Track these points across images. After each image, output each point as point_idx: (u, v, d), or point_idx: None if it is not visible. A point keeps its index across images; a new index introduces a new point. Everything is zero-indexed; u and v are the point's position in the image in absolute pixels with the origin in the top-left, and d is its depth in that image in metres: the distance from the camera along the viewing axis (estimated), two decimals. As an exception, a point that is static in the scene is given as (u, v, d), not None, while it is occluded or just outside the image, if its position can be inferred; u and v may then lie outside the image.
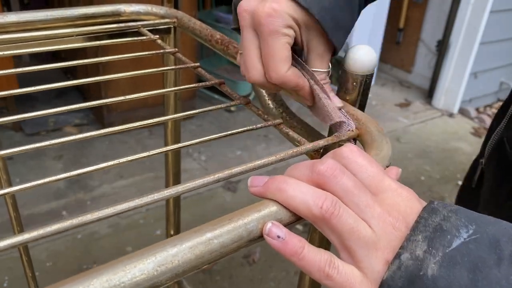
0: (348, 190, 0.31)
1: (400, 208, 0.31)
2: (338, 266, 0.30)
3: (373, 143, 0.39)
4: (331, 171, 0.32)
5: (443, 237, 0.29)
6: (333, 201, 0.30)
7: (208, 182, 0.34)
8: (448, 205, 0.31)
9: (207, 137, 0.41)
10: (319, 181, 0.32)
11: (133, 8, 0.62)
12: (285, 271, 1.68)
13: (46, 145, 0.37)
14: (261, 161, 0.36)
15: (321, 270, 0.30)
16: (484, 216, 0.30)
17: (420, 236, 0.29)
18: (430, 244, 0.29)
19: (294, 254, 0.30)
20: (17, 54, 0.52)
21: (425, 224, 0.30)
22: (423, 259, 0.28)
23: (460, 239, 0.28)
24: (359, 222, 0.30)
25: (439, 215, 0.30)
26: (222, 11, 2.82)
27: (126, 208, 0.31)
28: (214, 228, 0.29)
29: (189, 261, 0.27)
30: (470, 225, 0.29)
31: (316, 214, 0.30)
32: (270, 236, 0.30)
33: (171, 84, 0.69)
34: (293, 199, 0.31)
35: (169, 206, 0.90)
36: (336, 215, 0.30)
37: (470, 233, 0.29)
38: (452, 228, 0.29)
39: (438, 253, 0.28)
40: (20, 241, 0.28)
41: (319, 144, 0.40)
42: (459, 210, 0.30)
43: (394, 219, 0.31)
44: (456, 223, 0.29)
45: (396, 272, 0.29)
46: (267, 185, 0.33)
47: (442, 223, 0.29)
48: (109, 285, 0.25)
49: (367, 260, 0.30)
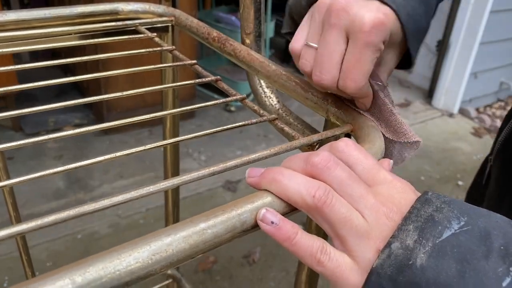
0: (342, 181, 0.32)
1: (394, 200, 0.32)
2: (330, 253, 0.31)
3: (366, 137, 0.39)
4: (325, 162, 0.32)
5: (434, 227, 0.29)
6: (326, 190, 0.31)
7: (203, 175, 0.35)
8: (442, 196, 0.31)
9: (204, 131, 0.42)
10: (313, 172, 0.32)
11: (131, 6, 0.62)
12: (285, 271, 1.68)
13: (45, 139, 0.37)
14: (255, 155, 0.37)
15: (312, 256, 0.31)
16: (477, 208, 0.30)
17: (412, 226, 0.29)
18: (421, 234, 0.29)
19: (287, 240, 0.31)
20: (16, 52, 0.53)
21: (417, 214, 0.30)
22: (413, 248, 0.29)
23: (450, 230, 0.29)
24: (352, 211, 0.31)
25: (432, 206, 0.30)
26: (222, 11, 2.82)
27: (123, 200, 0.32)
28: (208, 218, 0.30)
29: (183, 250, 0.28)
30: (462, 217, 0.29)
31: (309, 203, 0.31)
32: (264, 222, 0.31)
33: (169, 81, 0.69)
34: (287, 189, 0.32)
35: (168, 206, 0.91)
36: (329, 204, 0.31)
37: (461, 224, 0.29)
38: (444, 219, 0.29)
39: (428, 243, 0.28)
40: (18, 231, 0.28)
41: (313, 139, 0.40)
42: (453, 202, 0.30)
43: (388, 209, 0.31)
44: (448, 214, 0.29)
45: (386, 260, 0.29)
46: (263, 175, 0.34)
47: (434, 214, 0.30)
48: (104, 272, 0.25)
49: (359, 248, 0.30)
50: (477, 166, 0.78)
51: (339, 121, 0.44)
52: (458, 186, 2.28)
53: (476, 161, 2.48)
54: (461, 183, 2.29)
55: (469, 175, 2.35)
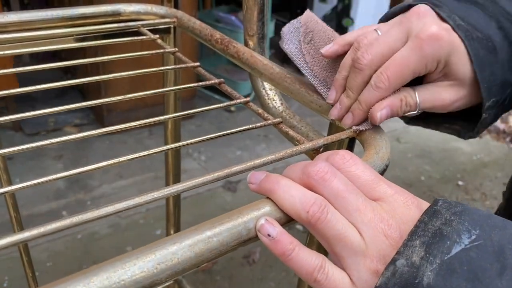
0: (338, 194, 0.30)
1: (395, 215, 0.30)
2: (328, 272, 0.30)
3: (371, 142, 0.39)
4: (321, 174, 0.31)
5: (442, 243, 0.27)
6: (321, 206, 0.30)
7: (207, 180, 0.34)
8: (454, 206, 0.29)
9: (209, 136, 0.41)
10: (310, 184, 0.31)
11: (133, 8, 0.62)
12: (285, 271, 1.68)
13: (46, 144, 0.37)
14: (260, 160, 0.36)
15: (309, 274, 0.30)
16: (492, 217, 0.28)
17: (418, 241, 0.28)
18: (428, 250, 0.27)
19: (283, 255, 0.30)
20: (16, 53, 0.52)
21: (424, 229, 0.28)
22: (419, 266, 0.27)
23: (460, 246, 0.27)
24: (348, 228, 0.29)
25: (441, 218, 0.28)
26: (222, 11, 2.82)
27: (126, 206, 0.31)
28: (213, 226, 0.29)
29: (189, 259, 0.28)
30: (473, 230, 0.27)
31: (303, 219, 0.30)
32: (261, 233, 0.30)
33: (171, 83, 0.69)
34: (282, 201, 0.31)
35: (169, 206, 0.91)
36: (323, 220, 0.29)
37: (473, 238, 0.27)
38: (453, 233, 0.27)
39: (435, 260, 0.27)
40: (21, 239, 0.28)
41: (318, 143, 0.40)
42: (465, 212, 0.28)
43: (386, 226, 0.29)
44: (458, 227, 0.27)
45: (390, 279, 0.27)
46: (260, 184, 0.33)
47: (443, 228, 0.28)
48: (109, 282, 0.25)
49: (355, 267, 0.29)
50: (477, 166, 0.77)
51: (344, 125, 0.44)
52: (458, 186, 2.27)
53: (476, 161, 2.48)
54: (461, 183, 2.29)
55: (469, 175, 2.35)
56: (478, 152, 2.58)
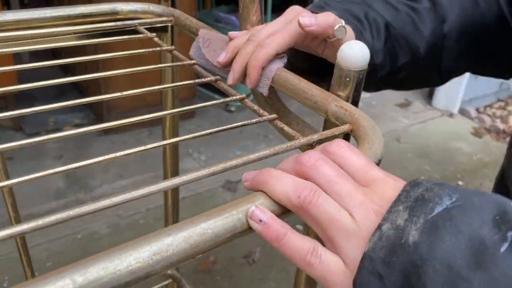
0: (330, 179, 0.31)
1: (386, 196, 0.30)
2: (321, 255, 0.30)
3: (365, 137, 0.39)
4: (313, 160, 0.32)
5: (425, 205, 0.28)
6: (312, 190, 0.30)
7: (203, 175, 0.35)
8: (434, 180, 0.30)
9: (204, 131, 0.42)
10: (302, 171, 0.32)
11: (130, 6, 0.62)
12: (285, 271, 1.68)
13: (44, 140, 0.37)
14: (255, 155, 0.37)
15: (302, 258, 0.30)
16: (471, 189, 0.30)
17: (401, 207, 0.29)
18: (411, 212, 0.28)
19: (275, 240, 0.30)
20: (15, 51, 0.53)
21: (406, 196, 0.29)
22: (404, 227, 0.28)
23: (442, 206, 0.28)
24: (340, 211, 0.30)
25: (422, 187, 0.29)
26: (222, 11, 2.82)
27: (123, 200, 0.32)
28: (208, 218, 0.30)
29: (184, 250, 0.28)
30: (453, 194, 0.28)
31: (295, 203, 0.31)
32: (253, 219, 0.30)
33: (168, 82, 0.69)
34: (274, 190, 0.32)
35: (168, 206, 0.91)
36: (315, 204, 0.30)
37: (453, 200, 0.28)
38: (435, 197, 0.28)
39: (419, 220, 0.28)
40: (19, 231, 0.28)
41: (313, 138, 0.40)
42: (444, 184, 0.30)
43: (377, 206, 0.30)
44: (439, 192, 0.29)
45: (377, 243, 0.28)
46: (254, 178, 0.34)
47: (424, 193, 0.29)
48: (105, 272, 0.25)
49: (349, 249, 0.30)
50: (477, 166, 0.77)
51: (338, 121, 0.44)
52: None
53: (476, 161, 2.48)
54: (461, 183, 2.29)
55: (469, 175, 2.35)
56: (478, 152, 2.58)
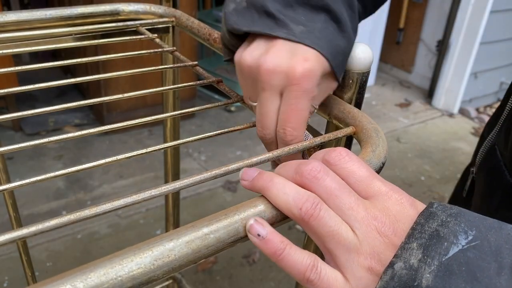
0: (331, 193, 0.30)
1: (389, 213, 0.30)
2: (321, 271, 0.29)
3: (368, 140, 0.39)
4: (313, 173, 0.31)
5: (440, 244, 0.27)
6: (314, 203, 0.30)
7: (205, 178, 0.34)
8: (449, 208, 0.29)
9: (207, 134, 0.42)
10: (303, 183, 0.31)
11: (132, 7, 0.62)
12: (285, 271, 1.68)
13: (45, 142, 0.37)
14: (257, 158, 0.37)
15: (301, 273, 0.29)
16: (487, 219, 0.28)
17: (415, 244, 0.27)
18: (425, 252, 0.27)
19: (273, 255, 0.30)
20: (16, 53, 0.52)
21: (421, 231, 0.28)
22: (418, 268, 0.27)
23: (458, 247, 0.27)
24: (341, 225, 0.29)
25: (437, 220, 0.28)
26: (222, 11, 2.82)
27: (124, 204, 0.31)
28: (210, 223, 0.29)
29: (186, 255, 0.28)
30: (470, 231, 0.27)
31: (296, 216, 0.30)
32: (251, 233, 0.30)
33: (169, 83, 0.69)
34: (276, 198, 0.31)
35: (168, 206, 0.91)
36: (316, 217, 0.29)
37: (470, 239, 0.27)
38: (450, 235, 0.27)
39: (433, 262, 0.27)
40: (19, 235, 0.28)
41: (315, 141, 0.40)
42: (460, 214, 0.28)
43: (380, 223, 0.29)
44: (454, 228, 0.27)
45: (389, 282, 0.27)
46: (253, 182, 0.33)
47: (439, 229, 0.28)
48: (106, 278, 0.25)
49: (348, 265, 0.29)
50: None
51: (341, 123, 0.44)
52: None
53: (476, 161, 2.48)
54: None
55: (469, 175, 2.35)
56: (478, 152, 2.58)
